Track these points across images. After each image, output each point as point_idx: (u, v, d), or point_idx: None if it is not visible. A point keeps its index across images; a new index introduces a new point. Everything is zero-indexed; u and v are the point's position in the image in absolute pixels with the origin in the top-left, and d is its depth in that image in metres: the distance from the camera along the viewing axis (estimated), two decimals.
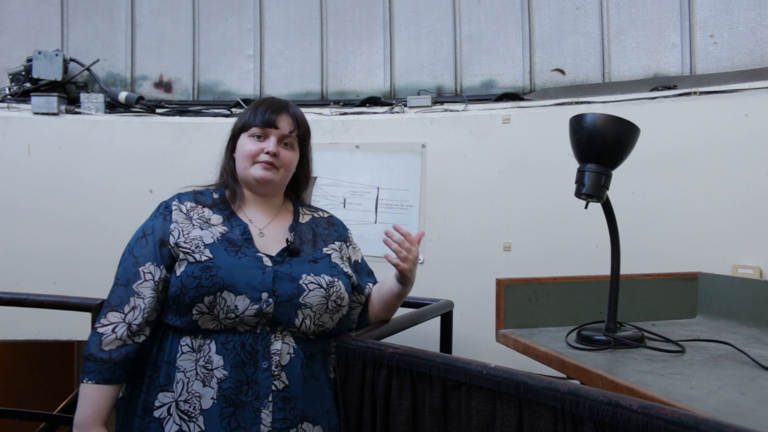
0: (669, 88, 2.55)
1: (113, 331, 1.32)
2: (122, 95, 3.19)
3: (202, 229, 1.39)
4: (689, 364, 1.39)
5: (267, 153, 1.44)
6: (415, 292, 2.60)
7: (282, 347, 1.34)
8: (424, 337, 2.21)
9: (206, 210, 1.43)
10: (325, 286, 1.39)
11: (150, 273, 1.36)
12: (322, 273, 1.41)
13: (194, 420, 1.28)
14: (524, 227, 2.63)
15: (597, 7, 2.82)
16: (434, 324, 2.37)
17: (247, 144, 1.46)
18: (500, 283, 1.75)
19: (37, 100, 3.07)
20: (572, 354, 1.47)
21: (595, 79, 2.83)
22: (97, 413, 1.30)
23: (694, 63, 2.64)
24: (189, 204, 1.44)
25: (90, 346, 1.33)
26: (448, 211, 2.78)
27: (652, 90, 2.58)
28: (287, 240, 1.45)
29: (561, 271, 1.91)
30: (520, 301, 1.75)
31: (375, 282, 1.63)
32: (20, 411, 2.17)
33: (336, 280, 1.42)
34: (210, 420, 1.27)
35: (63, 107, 3.11)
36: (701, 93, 2.41)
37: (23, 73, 3.20)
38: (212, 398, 1.28)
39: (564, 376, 1.41)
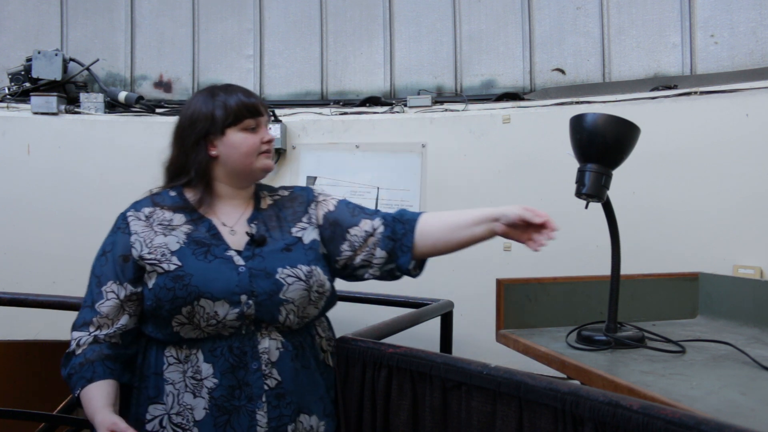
0: (669, 87, 2.54)
1: (78, 344, 1.30)
2: (122, 95, 3.19)
3: (165, 235, 1.31)
4: (690, 364, 1.39)
5: (266, 142, 1.37)
6: (415, 292, 2.63)
7: (270, 344, 1.29)
8: (424, 337, 2.21)
9: (166, 212, 1.35)
10: (304, 277, 1.31)
11: (113, 292, 1.30)
12: (298, 263, 1.32)
13: None
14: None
15: (597, 6, 2.82)
16: (434, 324, 2.36)
17: (246, 138, 1.35)
18: (500, 283, 1.75)
19: (36, 100, 3.06)
20: (572, 354, 1.47)
21: (595, 79, 2.83)
22: (99, 405, 1.25)
23: (694, 63, 2.64)
24: (147, 210, 1.35)
25: (63, 363, 1.32)
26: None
27: (653, 90, 2.57)
28: (247, 233, 1.35)
29: (561, 271, 1.91)
30: (520, 301, 1.75)
31: (375, 214, 1.44)
32: (20, 411, 2.16)
33: (314, 268, 1.33)
34: (204, 431, 1.25)
35: (62, 107, 3.11)
36: (702, 93, 2.41)
37: (23, 72, 3.20)
38: (204, 408, 1.26)
39: (564, 376, 1.41)
